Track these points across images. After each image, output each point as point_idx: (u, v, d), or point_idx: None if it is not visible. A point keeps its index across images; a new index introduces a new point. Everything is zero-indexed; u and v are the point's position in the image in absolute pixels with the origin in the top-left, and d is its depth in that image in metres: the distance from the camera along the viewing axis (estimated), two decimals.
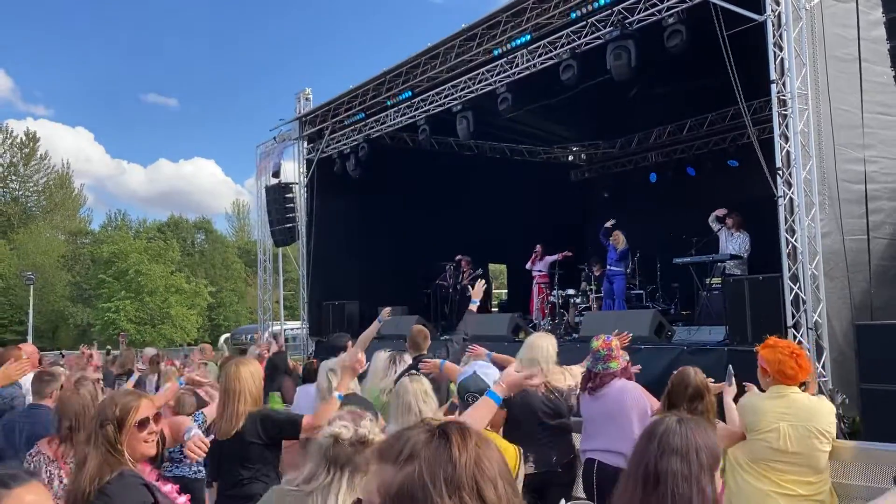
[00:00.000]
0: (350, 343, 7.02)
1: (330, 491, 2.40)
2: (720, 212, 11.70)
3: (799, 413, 3.67)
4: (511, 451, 3.09)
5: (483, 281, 6.21)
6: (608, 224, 13.23)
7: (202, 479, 5.19)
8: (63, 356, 16.69)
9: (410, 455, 1.03)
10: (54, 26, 73.43)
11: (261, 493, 3.49)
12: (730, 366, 4.49)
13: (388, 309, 6.80)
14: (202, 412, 4.78)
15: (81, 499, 2.47)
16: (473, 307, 5.87)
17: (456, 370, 5.73)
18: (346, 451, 2.44)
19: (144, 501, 2.55)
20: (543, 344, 4.84)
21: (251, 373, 3.93)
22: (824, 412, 3.72)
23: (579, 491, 4.54)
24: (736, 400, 4.11)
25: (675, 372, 4.14)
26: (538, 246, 14.63)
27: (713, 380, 4.58)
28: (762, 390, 3.92)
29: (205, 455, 3.31)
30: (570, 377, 4.92)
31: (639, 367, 5.24)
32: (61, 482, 3.42)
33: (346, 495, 2.37)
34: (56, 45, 74.45)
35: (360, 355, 4.13)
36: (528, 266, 14.66)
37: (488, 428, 2.99)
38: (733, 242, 11.43)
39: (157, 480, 3.00)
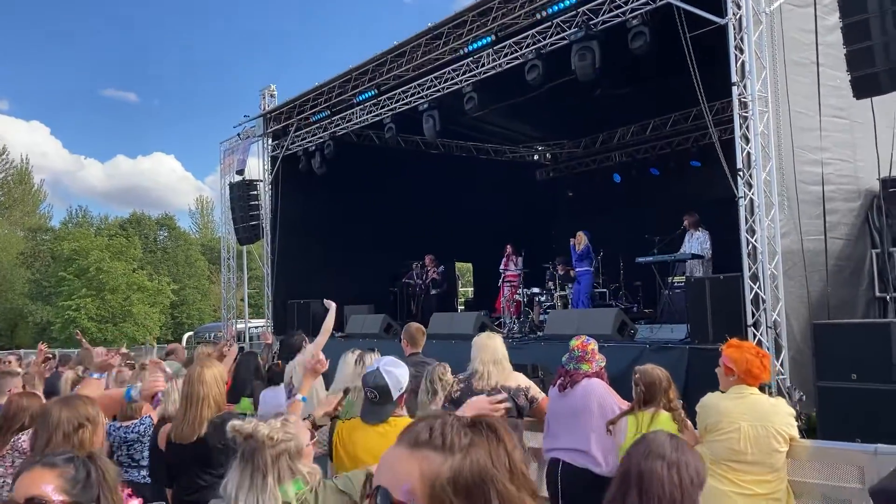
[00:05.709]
0: (306, 341, 6.95)
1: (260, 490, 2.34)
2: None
3: (758, 414, 3.75)
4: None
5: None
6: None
7: (149, 485, 5.00)
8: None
9: (469, 444, 1.13)
10: (6, 18, 71.75)
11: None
12: None
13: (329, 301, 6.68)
14: (134, 385, 4.58)
15: None
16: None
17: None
18: (250, 445, 2.39)
19: None
20: (495, 344, 4.77)
21: (215, 377, 3.88)
22: (782, 413, 3.80)
23: (542, 491, 4.54)
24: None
25: (637, 374, 4.18)
26: (508, 246, 14.66)
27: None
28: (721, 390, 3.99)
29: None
30: (520, 379, 4.79)
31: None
32: None
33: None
34: (9, 37, 72.64)
35: (319, 355, 4.09)
36: (501, 268, 14.67)
37: None
38: (693, 241, 11.60)
39: None
